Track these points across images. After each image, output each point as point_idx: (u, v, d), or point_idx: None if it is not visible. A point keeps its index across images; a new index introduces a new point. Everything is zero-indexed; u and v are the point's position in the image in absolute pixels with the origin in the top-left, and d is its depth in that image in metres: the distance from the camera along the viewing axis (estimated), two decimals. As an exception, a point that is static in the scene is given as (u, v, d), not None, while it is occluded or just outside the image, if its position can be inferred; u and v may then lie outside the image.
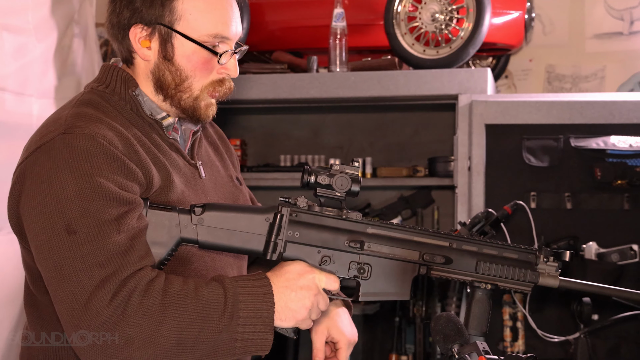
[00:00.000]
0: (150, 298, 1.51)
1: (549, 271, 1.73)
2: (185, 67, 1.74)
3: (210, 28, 1.73)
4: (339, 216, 1.70)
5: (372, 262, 1.71)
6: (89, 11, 3.48)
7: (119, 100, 1.75)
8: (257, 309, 1.57)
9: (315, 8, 3.78)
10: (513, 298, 3.02)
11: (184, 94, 1.76)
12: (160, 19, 1.72)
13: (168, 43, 1.73)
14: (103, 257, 1.51)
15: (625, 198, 3.14)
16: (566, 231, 3.12)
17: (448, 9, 3.46)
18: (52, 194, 1.55)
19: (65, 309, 1.52)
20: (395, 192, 4.37)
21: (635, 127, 3.15)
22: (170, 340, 1.52)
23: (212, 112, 1.82)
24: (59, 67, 3.25)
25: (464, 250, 1.73)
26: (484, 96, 3.33)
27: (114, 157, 1.59)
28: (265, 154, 4.49)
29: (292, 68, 3.83)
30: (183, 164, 1.80)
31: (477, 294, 1.75)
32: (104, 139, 1.60)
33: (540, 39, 4.14)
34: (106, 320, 1.48)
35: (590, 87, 4.08)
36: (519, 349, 3.07)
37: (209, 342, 1.54)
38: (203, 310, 1.54)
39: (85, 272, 1.50)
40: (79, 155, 1.57)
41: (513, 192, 3.17)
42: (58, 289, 1.53)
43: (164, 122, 1.78)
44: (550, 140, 3.20)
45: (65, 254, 1.52)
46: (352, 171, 1.69)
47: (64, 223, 1.53)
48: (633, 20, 4.02)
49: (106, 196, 1.55)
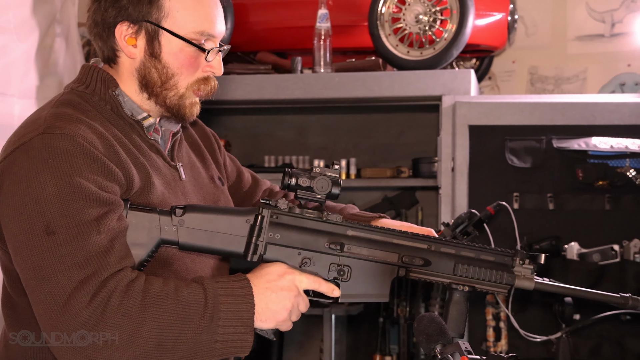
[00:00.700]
0: (130, 299, 1.51)
1: (525, 273, 1.75)
2: (172, 65, 1.74)
3: (196, 25, 1.74)
4: (319, 218, 1.71)
5: (352, 264, 1.72)
6: (71, 11, 3.46)
7: (99, 100, 1.74)
8: (237, 310, 1.57)
9: (300, 9, 3.78)
10: (496, 298, 3.04)
11: (170, 92, 1.76)
12: (147, 17, 1.73)
13: (155, 40, 1.73)
14: (82, 258, 1.50)
15: (606, 199, 3.16)
16: (548, 231, 3.14)
17: (432, 11, 3.47)
18: (30, 194, 1.54)
19: (43, 310, 1.51)
20: (380, 192, 4.38)
21: (617, 128, 3.17)
22: (150, 342, 1.51)
23: (196, 110, 1.82)
24: (41, 67, 3.23)
25: (442, 252, 1.75)
26: (468, 97, 3.34)
27: (94, 158, 1.59)
28: (250, 155, 4.49)
29: (276, 69, 3.83)
30: (163, 165, 1.80)
31: (454, 296, 1.77)
32: (84, 139, 1.59)
33: (523, 40, 4.16)
34: (85, 322, 1.48)
35: (572, 88, 4.10)
36: (501, 348, 3.08)
37: (189, 344, 1.54)
38: (183, 312, 1.54)
39: (64, 273, 1.49)
40: (59, 156, 1.56)
41: (496, 192, 3.18)
42: (36, 290, 1.52)
43: (145, 123, 1.78)
44: (532, 141, 3.22)
45: (44, 255, 1.51)
46: (333, 173, 1.70)
47: (43, 223, 1.52)
48: (614, 22, 4.06)
49: (86, 197, 1.54)
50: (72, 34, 3.46)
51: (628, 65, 4.02)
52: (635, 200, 3.15)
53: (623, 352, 3.09)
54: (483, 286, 1.76)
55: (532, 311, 3.12)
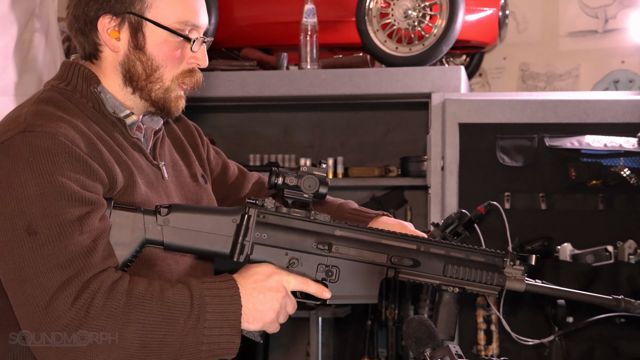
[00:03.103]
0: (114, 300, 1.51)
1: (515, 275, 1.75)
2: (157, 56, 1.75)
3: (180, 15, 1.74)
4: (306, 218, 1.71)
5: (340, 265, 1.72)
6: (51, 5, 3.46)
7: (80, 98, 1.74)
8: (223, 311, 1.57)
9: (286, 4, 3.78)
10: (487, 301, 3.04)
11: (155, 85, 1.76)
12: (130, 8, 1.73)
13: (139, 32, 1.74)
14: (65, 259, 1.50)
15: (599, 198, 3.17)
16: (540, 232, 3.14)
17: (421, 6, 3.47)
18: (11, 194, 1.53)
19: (25, 312, 1.51)
20: (367, 192, 4.39)
21: (610, 126, 3.17)
22: (135, 343, 1.51)
23: (181, 104, 1.82)
24: (19, 63, 3.23)
25: (431, 253, 1.75)
26: (457, 95, 3.34)
27: (76, 157, 1.58)
28: (234, 154, 4.47)
29: (262, 65, 3.83)
30: (146, 164, 1.80)
31: (444, 297, 1.77)
32: (66, 137, 1.58)
33: (514, 36, 4.17)
34: (68, 324, 1.47)
35: (564, 85, 4.11)
36: (493, 352, 3.08)
37: (174, 345, 1.54)
38: (169, 313, 1.54)
39: (46, 274, 1.49)
40: (40, 154, 1.55)
41: (487, 192, 3.18)
42: (18, 291, 1.52)
43: (127, 120, 1.78)
44: (524, 139, 3.22)
45: (25, 256, 1.51)
46: (320, 172, 1.70)
47: (25, 224, 1.52)
48: (607, 18, 4.07)
49: (68, 196, 1.54)
50: (51, 29, 3.45)
51: (622, 62, 4.03)
52: (629, 200, 3.15)
53: (617, 356, 3.10)
54: (473, 287, 1.75)
55: (524, 314, 3.12)
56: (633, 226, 3.12)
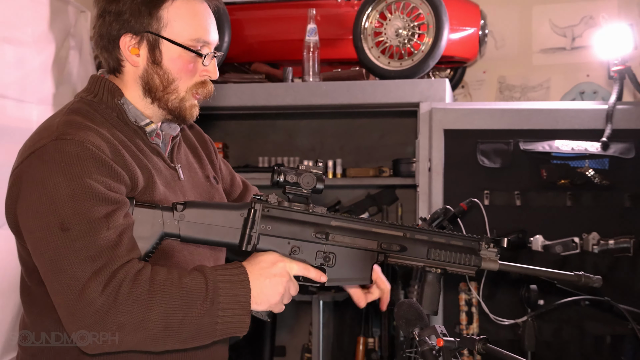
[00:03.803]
0: (138, 287, 1.52)
1: (490, 256, 1.77)
2: (172, 70, 1.75)
3: (192, 33, 1.75)
4: (305, 210, 1.73)
5: (336, 251, 1.74)
6: (84, 25, 3.46)
7: (105, 108, 1.76)
8: (235, 294, 1.59)
9: (291, 23, 3.78)
10: (468, 285, 3.05)
11: (172, 95, 1.77)
12: (148, 28, 1.74)
13: (156, 49, 1.74)
14: (94, 251, 1.52)
15: (568, 196, 3.18)
16: (516, 225, 3.14)
17: (410, 25, 3.48)
18: (46, 195, 1.55)
19: (62, 299, 1.53)
20: (363, 190, 4.37)
21: (577, 132, 3.18)
22: (158, 325, 1.53)
23: (195, 112, 1.83)
24: (57, 76, 3.22)
25: (416, 239, 1.77)
26: (443, 104, 3.35)
27: (102, 162, 1.60)
28: (245, 156, 4.48)
29: (269, 78, 3.83)
30: (164, 167, 1.81)
31: (428, 277, 1.79)
32: (93, 144, 1.60)
33: (492, 53, 4.17)
34: (99, 309, 1.49)
35: (537, 96, 4.12)
36: (473, 331, 3.09)
37: (192, 326, 1.55)
38: (187, 297, 1.55)
39: (78, 266, 1.51)
40: (70, 160, 1.57)
41: (468, 190, 3.19)
42: (54, 281, 1.54)
43: (147, 128, 1.79)
44: (501, 144, 3.23)
45: (59, 250, 1.52)
46: (317, 170, 1.72)
47: (58, 221, 1.53)
48: (574, 37, 4.08)
49: (95, 196, 1.55)
50: (84, 47, 3.45)
51: (587, 75, 4.04)
52: (593, 197, 3.16)
53: (582, 334, 3.11)
54: (453, 268, 1.77)
55: (500, 297, 3.13)
56: (597, 220, 3.13)
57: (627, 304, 2.90)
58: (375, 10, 3.54)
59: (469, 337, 1.71)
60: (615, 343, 3.07)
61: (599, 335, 3.08)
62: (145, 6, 1.73)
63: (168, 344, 1.56)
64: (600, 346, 3.09)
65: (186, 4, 1.76)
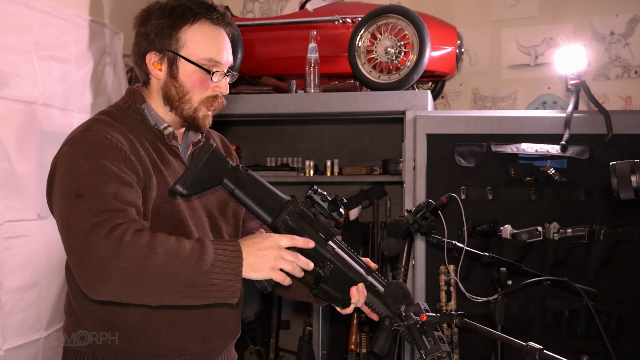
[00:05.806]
0: (139, 238, 1.50)
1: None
2: (187, 84, 1.77)
3: (205, 54, 1.77)
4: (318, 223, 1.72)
5: (333, 265, 1.73)
6: (118, 45, 3.46)
7: (132, 113, 1.79)
8: (229, 262, 1.56)
9: (295, 43, 3.78)
10: (447, 268, 3.05)
11: (186, 105, 1.79)
12: (168, 47, 1.76)
13: (174, 65, 1.77)
14: (100, 209, 1.52)
15: (532, 191, 3.18)
16: (488, 216, 3.15)
17: (397, 45, 3.47)
18: (70, 171, 1.59)
19: (72, 252, 1.52)
20: (357, 186, 4.38)
21: (540, 136, 3.18)
22: (156, 272, 1.49)
23: (208, 121, 1.83)
24: (94, 88, 3.23)
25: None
26: (426, 112, 3.35)
27: (119, 150, 1.63)
28: (255, 156, 4.49)
29: (276, 89, 3.83)
30: (179, 165, 1.81)
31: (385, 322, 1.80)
32: (112, 137, 1.65)
33: (468, 68, 4.17)
34: (102, 254, 1.47)
35: (505, 105, 4.12)
36: (451, 307, 3.09)
37: (186, 281, 1.51)
38: (184, 254, 1.52)
39: (85, 220, 1.51)
40: (92, 146, 1.61)
41: (448, 186, 3.19)
42: (67, 236, 1.54)
43: (165, 132, 1.81)
44: (476, 146, 3.23)
45: (72, 210, 1.54)
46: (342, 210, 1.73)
47: (75, 189, 1.56)
48: (537, 55, 4.08)
49: (108, 174, 1.58)
50: (118, 63, 3.46)
51: (548, 88, 4.04)
52: (554, 192, 3.16)
53: (544, 309, 3.12)
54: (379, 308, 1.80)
55: (475, 278, 3.14)
56: (557, 212, 3.14)
57: (582, 284, 2.91)
58: (368, 32, 3.54)
59: (448, 313, 1.71)
60: (572, 317, 3.08)
61: (559, 310, 3.09)
62: (167, 29, 1.76)
63: (165, 295, 1.52)
64: (559, 319, 3.09)
65: (203, 29, 1.77)
